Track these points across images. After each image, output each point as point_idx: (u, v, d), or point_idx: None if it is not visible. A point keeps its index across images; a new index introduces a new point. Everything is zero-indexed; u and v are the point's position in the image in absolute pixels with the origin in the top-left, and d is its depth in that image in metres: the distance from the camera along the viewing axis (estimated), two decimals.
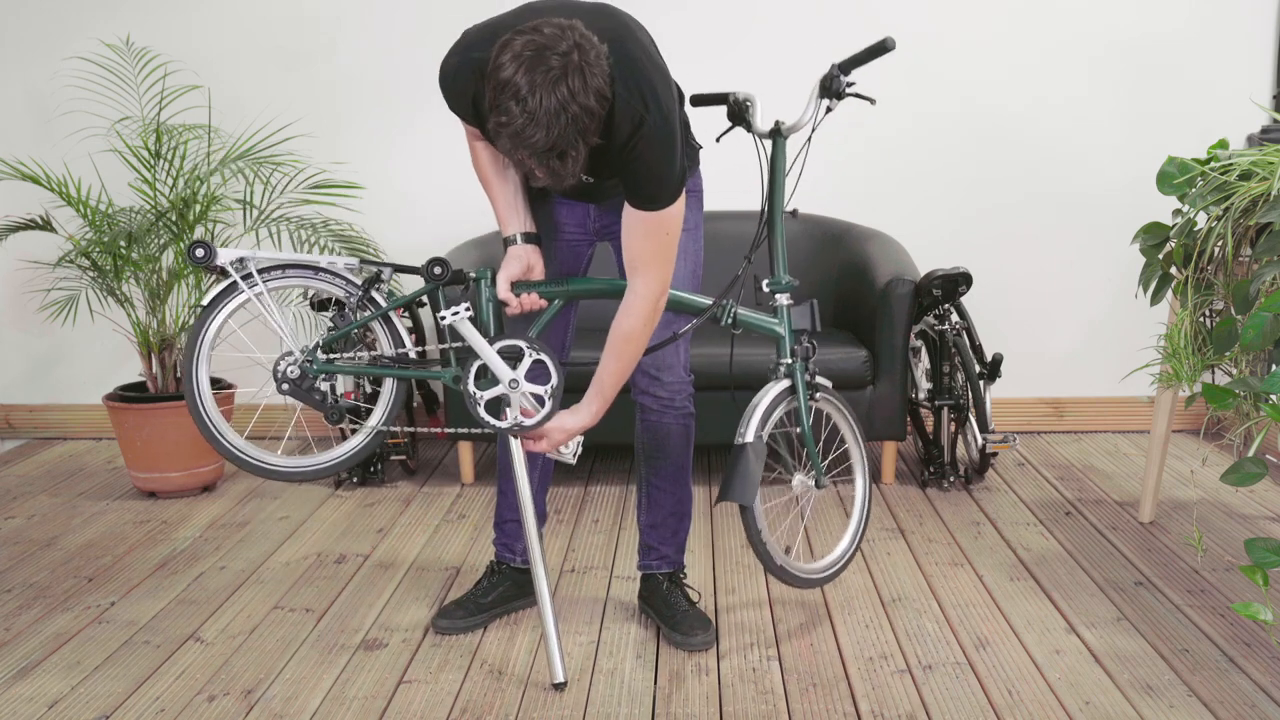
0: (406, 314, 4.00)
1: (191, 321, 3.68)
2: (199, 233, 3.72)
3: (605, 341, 2.32)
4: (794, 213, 2.43)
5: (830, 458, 2.78)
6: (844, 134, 4.12)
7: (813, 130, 2.46)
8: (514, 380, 2.30)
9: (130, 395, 3.63)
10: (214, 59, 4.15)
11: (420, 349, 2.45)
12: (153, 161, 3.69)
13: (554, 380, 2.34)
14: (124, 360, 4.32)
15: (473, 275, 2.34)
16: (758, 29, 4.09)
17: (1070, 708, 2.23)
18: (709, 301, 2.41)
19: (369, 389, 3.65)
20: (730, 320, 2.43)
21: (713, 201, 4.05)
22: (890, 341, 3.51)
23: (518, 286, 2.31)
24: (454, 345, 2.35)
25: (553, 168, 1.96)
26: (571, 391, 3.46)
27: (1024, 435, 4.26)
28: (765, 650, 2.50)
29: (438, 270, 2.30)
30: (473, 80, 2.12)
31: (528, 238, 2.32)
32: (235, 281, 2.30)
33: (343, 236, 3.84)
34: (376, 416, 2.39)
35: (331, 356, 2.33)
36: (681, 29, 4.09)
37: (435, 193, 4.20)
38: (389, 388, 2.40)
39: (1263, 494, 3.49)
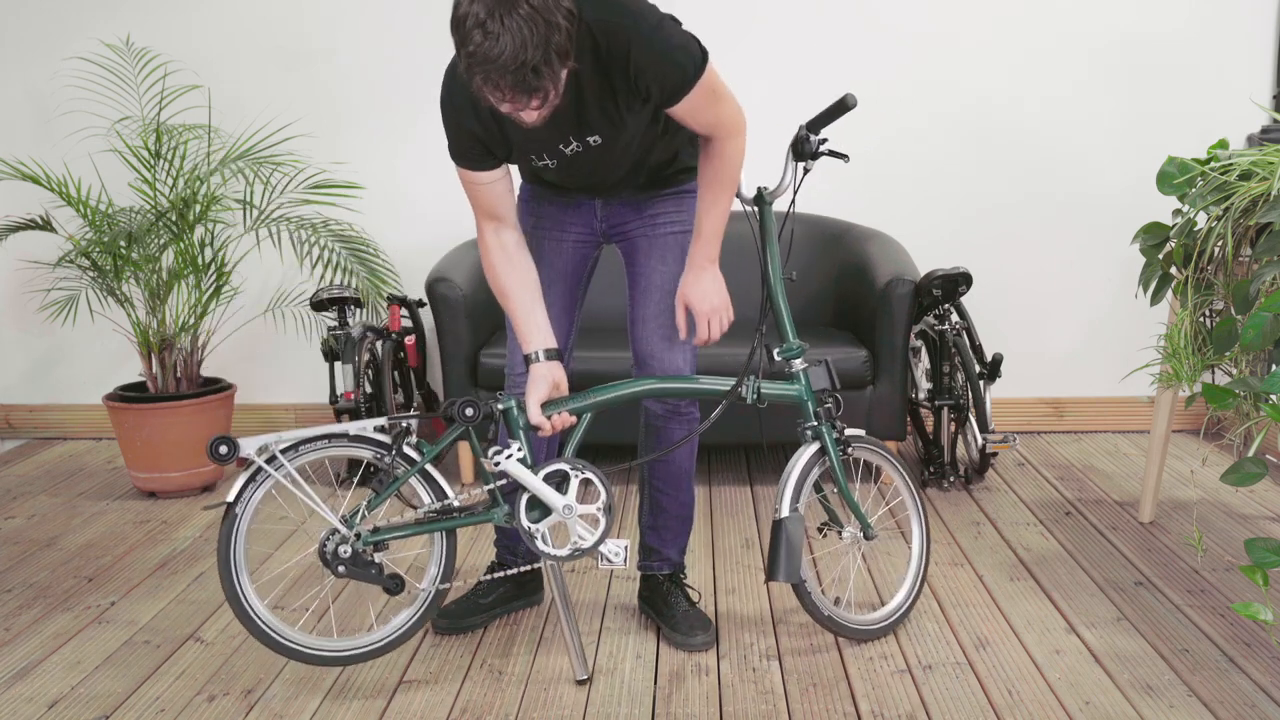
0: (406, 314, 4.00)
1: (192, 319, 3.68)
2: (199, 233, 3.72)
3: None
4: (792, 277, 2.40)
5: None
6: (844, 134, 4.13)
7: (794, 194, 2.43)
8: (568, 506, 2.27)
9: (130, 395, 3.63)
10: (214, 59, 4.15)
11: (463, 492, 2.35)
12: (153, 161, 3.69)
13: (604, 496, 2.30)
14: (124, 360, 4.33)
15: (500, 408, 2.28)
16: (758, 29, 4.09)
17: (1070, 708, 2.23)
18: (729, 385, 2.36)
19: (368, 389, 3.65)
20: (755, 396, 2.38)
21: None
22: (890, 341, 3.51)
23: (547, 407, 2.27)
24: (499, 485, 2.29)
25: (529, 86, 1.87)
26: (573, 390, 3.47)
27: (1024, 435, 4.26)
28: (765, 650, 2.50)
29: (469, 412, 2.24)
30: (467, 86, 2.10)
31: (550, 354, 2.28)
32: (259, 468, 2.20)
33: (343, 236, 3.85)
34: (430, 575, 2.30)
35: (378, 525, 2.26)
36: None
37: (435, 193, 4.20)
38: (439, 544, 2.31)
39: (1263, 494, 3.49)
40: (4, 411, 4.40)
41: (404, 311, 4.03)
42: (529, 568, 2.54)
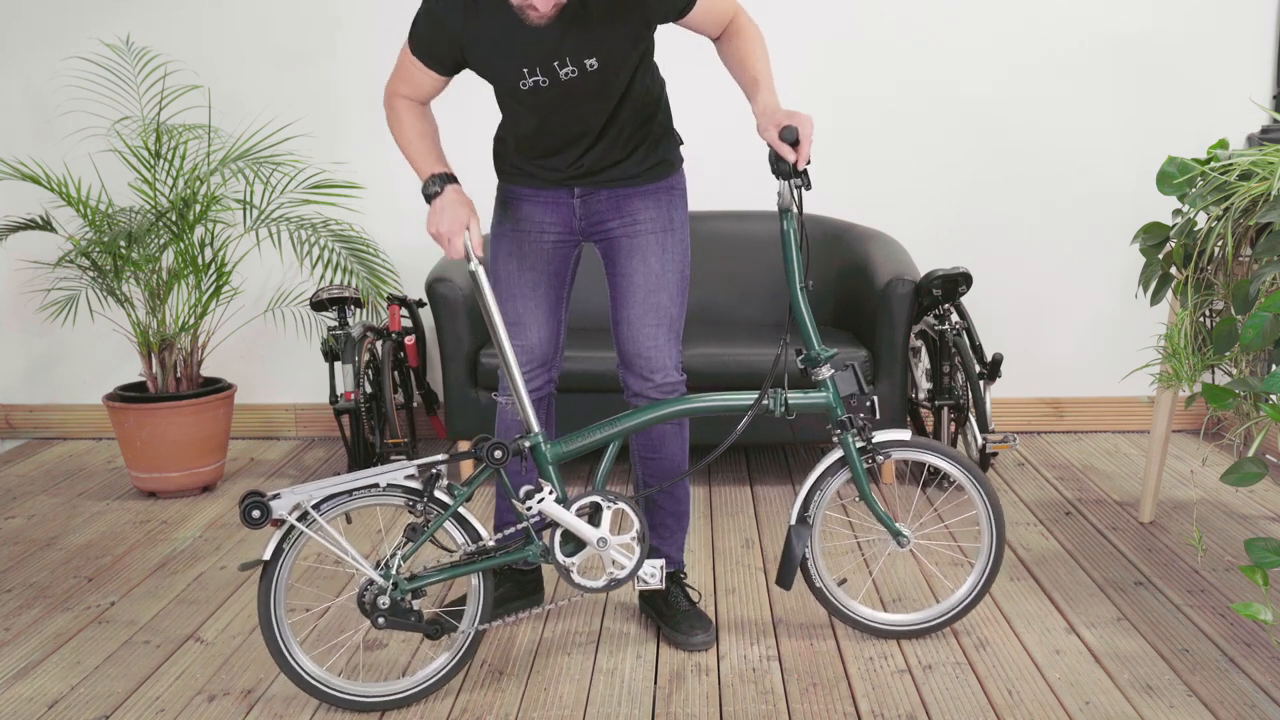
0: (406, 314, 4.01)
1: (192, 319, 3.68)
2: (199, 233, 3.71)
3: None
4: (809, 285, 2.36)
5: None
6: (844, 134, 4.13)
7: (799, 211, 2.35)
8: (602, 539, 2.29)
9: (130, 395, 3.63)
10: (214, 59, 4.15)
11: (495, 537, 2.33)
12: (153, 161, 3.69)
13: (636, 526, 2.32)
14: (124, 360, 4.33)
15: (528, 445, 2.31)
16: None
17: (1070, 708, 2.23)
18: (752, 398, 2.36)
19: (368, 389, 3.65)
20: (784, 408, 2.37)
21: (710, 202, 4.05)
22: (890, 341, 3.51)
23: (569, 444, 2.32)
24: (531, 522, 2.29)
25: None
26: (566, 390, 3.48)
27: (1024, 435, 4.26)
28: (765, 650, 2.50)
29: (498, 455, 2.25)
30: None
31: (451, 178, 2.36)
32: (292, 527, 2.18)
33: (343, 236, 3.85)
34: (469, 616, 2.29)
35: (415, 573, 2.25)
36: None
37: None
38: (476, 584, 2.29)
39: (1263, 494, 3.49)
40: (4, 411, 4.40)
41: (404, 311, 4.03)
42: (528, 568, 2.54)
